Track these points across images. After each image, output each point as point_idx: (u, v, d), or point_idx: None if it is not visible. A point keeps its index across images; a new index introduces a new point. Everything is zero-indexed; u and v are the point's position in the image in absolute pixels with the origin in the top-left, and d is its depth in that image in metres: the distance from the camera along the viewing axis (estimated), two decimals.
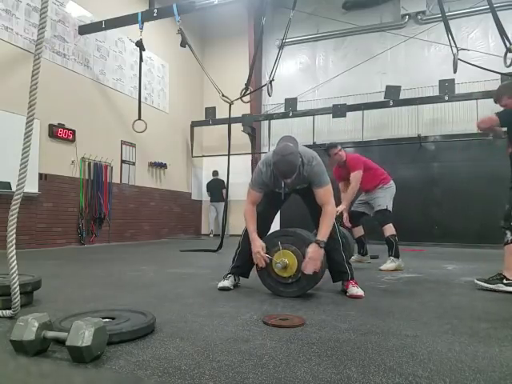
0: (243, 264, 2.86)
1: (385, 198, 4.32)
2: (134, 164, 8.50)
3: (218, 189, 10.23)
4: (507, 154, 3.15)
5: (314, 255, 2.42)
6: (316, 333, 1.73)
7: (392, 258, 4.20)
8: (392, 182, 4.51)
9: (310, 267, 2.41)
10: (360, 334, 1.72)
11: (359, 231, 4.60)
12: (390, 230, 4.22)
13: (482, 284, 2.91)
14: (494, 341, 1.64)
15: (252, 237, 2.65)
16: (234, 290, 2.79)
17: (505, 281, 2.82)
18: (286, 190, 2.75)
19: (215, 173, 10.38)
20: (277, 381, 1.21)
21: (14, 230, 1.75)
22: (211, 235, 10.37)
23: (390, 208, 4.31)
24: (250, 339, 1.63)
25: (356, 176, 4.23)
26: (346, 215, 4.37)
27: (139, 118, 6.96)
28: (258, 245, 2.59)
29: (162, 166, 9.30)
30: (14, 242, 1.75)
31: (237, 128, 9.25)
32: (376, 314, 2.09)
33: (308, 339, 1.64)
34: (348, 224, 4.43)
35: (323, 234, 2.51)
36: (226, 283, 2.82)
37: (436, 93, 8.39)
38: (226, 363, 1.36)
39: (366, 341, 1.62)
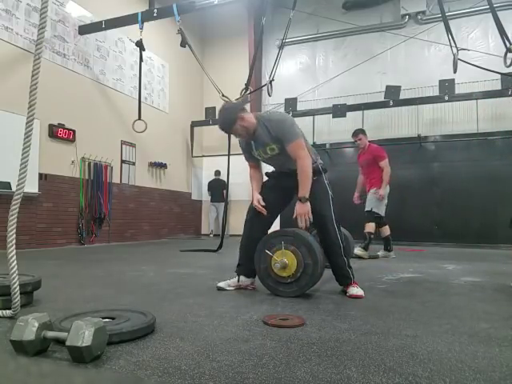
0: (246, 262, 2.78)
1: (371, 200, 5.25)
2: (134, 164, 8.50)
3: (218, 189, 10.23)
4: None
5: (300, 211, 2.54)
6: (316, 333, 1.73)
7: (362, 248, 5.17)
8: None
9: (301, 224, 2.54)
10: (360, 334, 1.72)
11: (386, 230, 5.37)
12: (369, 227, 5.23)
13: None
14: (493, 341, 1.64)
15: (253, 193, 2.81)
16: (234, 290, 2.78)
17: None
18: (255, 151, 2.81)
19: (217, 172, 10.37)
20: (277, 381, 1.21)
21: (14, 230, 1.75)
22: (211, 235, 10.37)
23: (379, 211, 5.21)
24: (250, 339, 1.63)
25: (386, 163, 5.17)
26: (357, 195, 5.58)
27: (139, 118, 6.97)
28: (255, 198, 2.77)
29: (162, 166, 9.30)
30: (13, 242, 1.75)
31: None
32: (376, 314, 2.09)
33: (308, 339, 1.64)
34: (357, 201, 5.58)
35: (303, 189, 2.55)
36: (222, 284, 2.80)
37: (436, 93, 8.40)
38: (225, 363, 1.36)
39: (366, 341, 1.62)
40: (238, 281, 2.81)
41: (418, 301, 2.48)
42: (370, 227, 5.21)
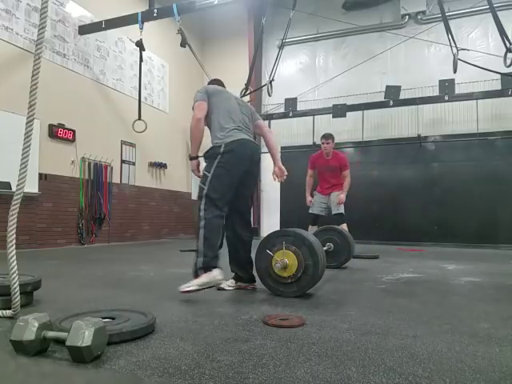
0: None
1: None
2: (134, 164, 8.50)
3: None
4: None
5: (191, 167, 2.84)
6: (316, 333, 1.73)
7: None
8: None
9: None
10: (360, 334, 1.72)
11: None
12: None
13: None
14: (493, 341, 1.64)
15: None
16: (235, 290, 2.78)
17: None
18: None
19: None
20: (277, 381, 1.21)
21: (14, 230, 1.75)
22: None
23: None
24: (250, 339, 1.63)
25: (349, 173, 5.29)
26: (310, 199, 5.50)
27: (139, 118, 6.97)
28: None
29: (162, 166, 9.30)
30: (14, 242, 1.75)
31: None
32: (376, 314, 2.09)
33: (308, 339, 1.64)
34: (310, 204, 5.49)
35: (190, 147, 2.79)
36: (222, 284, 2.74)
37: (436, 93, 8.40)
38: (225, 363, 1.35)
39: (366, 341, 1.62)
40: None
41: (418, 301, 2.48)
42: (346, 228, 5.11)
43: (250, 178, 2.93)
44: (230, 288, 2.79)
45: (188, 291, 2.41)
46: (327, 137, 5.27)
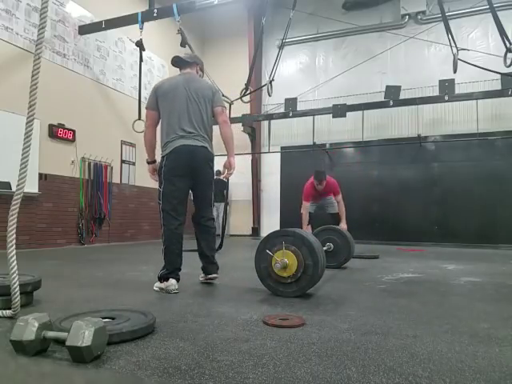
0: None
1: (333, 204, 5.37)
2: (133, 164, 8.50)
3: (220, 189, 10.21)
4: None
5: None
6: (316, 333, 1.73)
7: None
8: None
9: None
10: (360, 334, 1.72)
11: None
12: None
13: None
14: (493, 341, 1.64)
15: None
16: (235, 290, 2.79)
17: None
18: None
19: (218, 173, 10.35)
20: (277, 381, 1.21)
21: (14, 230, 1.75)
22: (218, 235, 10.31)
23: None
24: (250, 339, 1.63)
25: (341, 198, 5.28)
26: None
27: (139, 118, 6.96)
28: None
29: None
30: (14, 242, 1.75)
31: (237, 128, 9.25)
32: (376, 314, 2.09)
33: (308, 339, 1.64)
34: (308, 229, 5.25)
35: None
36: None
37: (436, 93, 8.39)
38: (225, 363, 1.36)
39: (366, 341, 1.62)
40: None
41: (418, 301, 2.48)
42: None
43: (200, 178, 3.03)
44: (202, 279, 3.09)
45: (155, 289, 2.79)
46: (320, 179, 5.20)
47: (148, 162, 3.17)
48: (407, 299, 2.54)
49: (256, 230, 10.49)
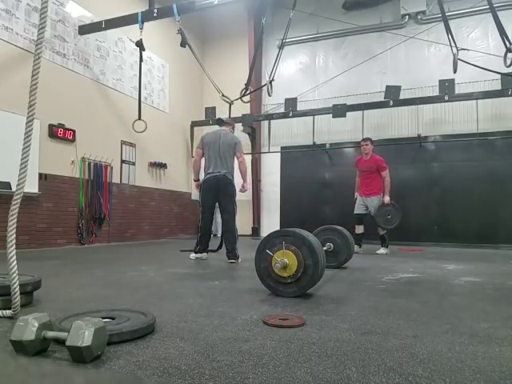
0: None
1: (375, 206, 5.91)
2: (134, 164, 8.50)
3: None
4: None
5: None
6: (316, 333, 1.73)
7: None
8: None
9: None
10: (360, 334, 1.72)
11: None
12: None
13: None
14: (493, 341, 1.64)
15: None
16: (235, 290, 2.79)
17: None
18: None
19: None
20: (277, 381, 1.21)
21: (14, 230, 1.75)
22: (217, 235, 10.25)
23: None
24: (250, 339, 1.63)
25: (388, 173, 5.88)
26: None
27: (139, 118, 6.97)
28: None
29: (162, 166, 9.30)
30: (14, 242, 1.75)
31: (237, 128, 9.24)
32: (376, 314, 2.09)
33: (308, 339, 1.64)
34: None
35: None
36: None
37: (436, 93, 8.39)
38: (225, 363, 1.36)
39: (366, 341, 1.62)
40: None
41: (417, 301, 2.48)
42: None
43: (223, 194, 4.74)
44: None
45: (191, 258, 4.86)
46: (364, 139, 6.12)
47: (195, 180, 5.04)
48: (407, 299, 2.54)
49: (256, 230, 10.48)
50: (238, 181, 4.86)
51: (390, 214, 5.77)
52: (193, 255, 4.79)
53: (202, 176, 4.93)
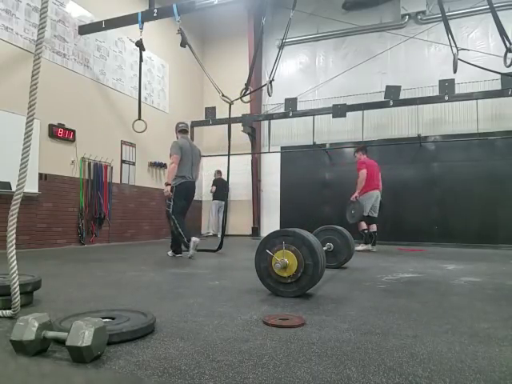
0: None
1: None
2: (133, 164, 8.50)
3: (221, 188, 10.18)
4: None
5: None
6: (316, 333, 1.73)
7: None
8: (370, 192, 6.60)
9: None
10: (360, 334, 1.72)
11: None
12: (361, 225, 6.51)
13: None
14: (493, 341, 1.64)
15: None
16: (235, 290, 2.79)
17: None
18: None
19: (218, 173, 10.31)
20: (277, 381, 1.21)
21: (14, 230, 1.75)
22: (217, 235, 10.25)
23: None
24: (250, 339, 1.63)
25: (361, 172, 6.54)
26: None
27: (139, 118, 6.96)
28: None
29: (162, 166, 9.30)
30: (14, 242, 1.75)
31: (237, 128, 9.26)
32: (376, 314, 2.09)
33: (308, 339, 1.64)
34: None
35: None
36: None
37: (436, 93, 8.40)
38: (226, 363, 1.36)
39: (366, 341, 1.62)
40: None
41: (417, 301, 2.48)
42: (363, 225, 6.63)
43: (191, 198, 5.37)
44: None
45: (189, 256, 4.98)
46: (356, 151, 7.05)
47: (166, 184, 5.06)
48: (407, 299, 2.54)
49: (256, 230, 10.49)
50: (236, 181, 4.88)
51: (354, 210, 6.39)
52: (173, 254, 5.25)
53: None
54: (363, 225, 6.48)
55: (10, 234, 1.75)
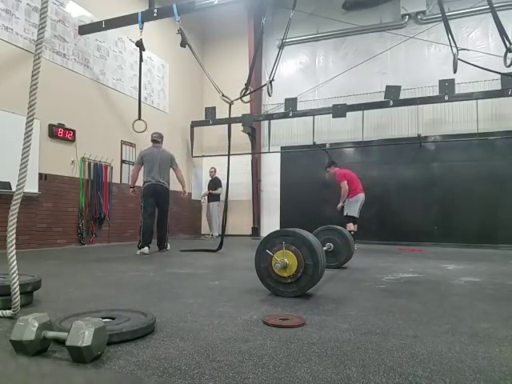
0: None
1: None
2: (134, 164, 8.49)
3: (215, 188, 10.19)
4: None
5: None
6: (316, 333, 1.73)
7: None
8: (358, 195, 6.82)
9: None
10: (360, 334, 1.72)
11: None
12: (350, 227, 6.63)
13: None
14: (493, 341, 1.64)
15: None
16: (235, 290, 2.79)
17: None
18: None
19: (214, 171, 10.30)
20: (277, 381, 1.21)
21: (14, 230, 1.75)
22: (213, 235, 10.25)
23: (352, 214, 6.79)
24: (250, 339, 1.63)
25: (342, 184, 6.85)
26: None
27: (139, 118, 6.96)
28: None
29: None
30: (14, 242, 1.75)
31: (237, 128, 9.26)
32: (376, 314, 2.09)
33: (308, 339, 1.64)
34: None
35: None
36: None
37: (436, 93, 8.40)
38: (226, 363, 1.35)
39: (366, 341, 1.62)
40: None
41: (417, 301, 2.48)
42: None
43: (161, 199, 5.91)
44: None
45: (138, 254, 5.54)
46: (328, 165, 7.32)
47: (131, 187, 6.03)
48: (407, 299, 2.54)
49: (256, 230, 10.49)
50: (236, 181, 4.85)
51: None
52: (139, 251, 5.62)
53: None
54: (351, 226, 6.67)
55: (10, 234, 1.75)
